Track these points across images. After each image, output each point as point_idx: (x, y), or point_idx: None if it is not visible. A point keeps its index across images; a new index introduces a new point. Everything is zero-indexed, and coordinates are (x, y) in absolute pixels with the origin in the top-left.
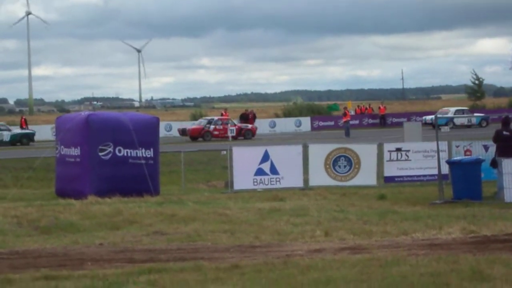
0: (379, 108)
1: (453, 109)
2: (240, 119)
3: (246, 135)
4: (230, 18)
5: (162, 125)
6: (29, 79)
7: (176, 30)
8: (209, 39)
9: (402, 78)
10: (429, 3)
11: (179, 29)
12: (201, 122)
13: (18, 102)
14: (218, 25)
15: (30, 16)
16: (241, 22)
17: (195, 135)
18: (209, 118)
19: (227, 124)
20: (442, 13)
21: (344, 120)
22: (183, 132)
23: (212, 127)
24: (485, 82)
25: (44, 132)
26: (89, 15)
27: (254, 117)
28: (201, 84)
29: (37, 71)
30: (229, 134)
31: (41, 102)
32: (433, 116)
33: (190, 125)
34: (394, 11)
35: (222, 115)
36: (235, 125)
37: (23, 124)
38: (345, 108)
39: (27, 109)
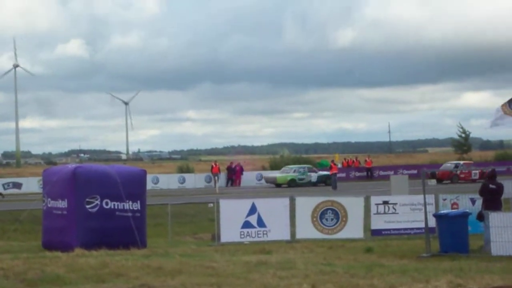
0: (366, 161)
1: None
2: (227, 172)
3: None
4: (215, 72)
5: (149, 177)
6: (16, 132)
7: (161, 83)
8: (195, 92)
9: (389, 132)
10: (414, 57)
11: (164, 82)
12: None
13: (5, 154)
14: (204, 79)
15: (17, 68)
16: (226, 76)
17: None
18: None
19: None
20: (426, 67)
21: (331, 172)
22: None
23: None
24: (471, 135)
25: (31, 184)
26: (75, 68)
27: (241, 170)
28: (188, 137)
29: (23, 124)
30: None
31: (28, 154)
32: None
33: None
34: (379, 64)
35: (212, 167)
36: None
37: None
38: (332, 161)
39: (14, 161)
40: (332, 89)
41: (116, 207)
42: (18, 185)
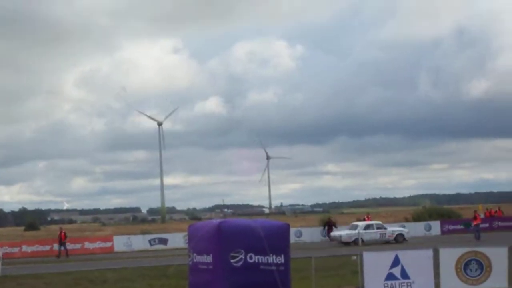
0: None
1: None
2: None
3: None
4: (352, 125)
5: (292, 231)
6: (161, 188)
7: (299, 137)
8: (332, 146)
9: None
10: None
11: (302, 137)
12: None
13: (151, 211)
14: (341, 132)
15: (161, 126)
16: (363, 129)
17: None
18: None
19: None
20: None
21: (474, 223)
22: None
23: None
24: None
25: (176, 239)
26: (214, 125)
27: (335, 225)
28: (328, 190)
29: (167, 180)
30: None
31: (173, 210)
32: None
33: None
34: None
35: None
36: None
37: (62, 238)
38: (475, 211)
39: (160, 217)
40: (469, 139)
41: (260, 261)
42: (164, 241)
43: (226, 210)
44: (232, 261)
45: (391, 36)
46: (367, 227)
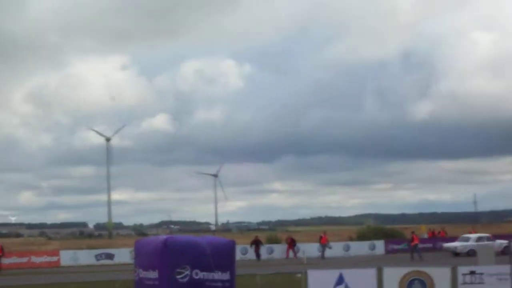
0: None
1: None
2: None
3: None
4: (298, 144)
5: (238, 248)
6: (108, 204)
7: (246, 156)
8: (279, 164)
9: (475, 202)
10: (492, 131)
11: (248, 155)
12: None
13: (98, 226)
14: (287, 151)
15: (109, 142)
16: (308, 148)
17: None
18: None
19: None
20: (506, 140)
21: (412, 244)
22: None
23: None
24: None
25: (123, 255)
26: (161, 142)
27: (294, 243)
28: (275, 208)
29: (113, 196)
30: None
31: (119, 225)
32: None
33: None
34: (458, 137)
35: (321, 238)
36: None
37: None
38: (413, 232)
39: (106, 232)
40: (413, 160)
41: (206, 277)
42: (110, 256)
43: (172, 226)
44: (178, 277)
45: (338, 57)
46: (479, 239)
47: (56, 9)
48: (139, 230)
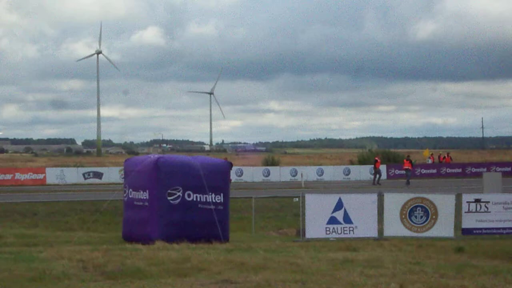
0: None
1: None
2: None
3: None
4: (295, 62)
5: (233, 169)
6: (97, 121)
7: (241, 73)
8: (275, 83)
9: (482, 127)
10: (497, 53)
11: (243, 72)
12: None
13: (86, 143)
14: (283, 69)
15: (100, 55)
16: (307, 67)
17: None
18: None
19: None
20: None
21: (403, 168)
22: None
23: None
24: None
25: (112, 174)
26: (152, 56)
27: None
28: (272, 128)
29: (102, 112)
30: None
31: (109, 143)
32: None
33: None
34: (462, 58)
35: (376, 162)
36: None
37: None
38: (408, 156)
39: (95, 150)
40: (416, 82)
41: (198, 199)
42: (99, 175)
43: (164, 145)
44: (169, 198)
45: None
46: None
47: None
48: (130, 149)
